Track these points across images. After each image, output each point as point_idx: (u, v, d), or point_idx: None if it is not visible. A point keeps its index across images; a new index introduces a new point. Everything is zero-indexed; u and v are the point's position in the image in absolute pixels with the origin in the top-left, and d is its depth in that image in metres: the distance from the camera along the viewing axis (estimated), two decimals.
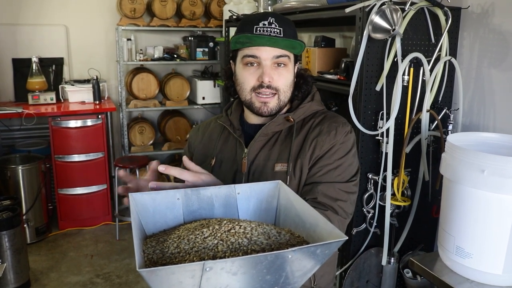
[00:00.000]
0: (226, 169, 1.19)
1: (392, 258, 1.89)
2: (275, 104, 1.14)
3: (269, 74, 1.10)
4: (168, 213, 0.89)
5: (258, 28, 1.09)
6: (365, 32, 1.68)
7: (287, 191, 0.90)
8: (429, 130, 1.82)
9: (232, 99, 1.30)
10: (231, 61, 1.22)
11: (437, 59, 1.79)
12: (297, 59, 1.19)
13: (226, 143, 1.23)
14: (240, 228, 0.75)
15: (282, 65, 1.12)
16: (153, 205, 0.88)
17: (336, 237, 0.71)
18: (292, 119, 1.16)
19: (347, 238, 0.70)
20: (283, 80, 1.13)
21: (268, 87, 1.11)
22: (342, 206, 1.12)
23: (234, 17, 3.02)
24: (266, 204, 0.94)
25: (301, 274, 0.74)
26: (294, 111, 1.19)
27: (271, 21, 1.09)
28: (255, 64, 1.12)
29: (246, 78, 1.13)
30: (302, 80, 1.20)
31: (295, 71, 1.19)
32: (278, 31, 1.09)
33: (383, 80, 1.74)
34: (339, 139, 1.14)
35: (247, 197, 0.93)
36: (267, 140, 1.18)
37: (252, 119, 1.23)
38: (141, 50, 3.95)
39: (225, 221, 0.78)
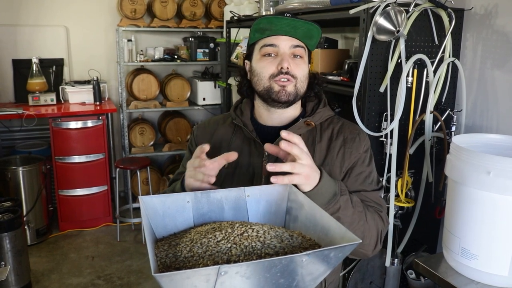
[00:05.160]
0: (242, 172, 1.17)
1: (396, 259, 1.89)
2: (292, 89, 1.13)
3: (288, 61, 1.11)
4: (178, 216, 0.88)
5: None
6: (369, 34, 1.68)
7: (297, 194, 0.90)
8: (432, 131, 1.83)
9: (238, 99, 1.29)
10: (245, 61, 1.22)
11: (441, 60, 1.79)
12: (310, 57, 1.21)
13: (240, 145, 1.20)
14: (253, 231, 0.75)
15: (299, 56, 1.14)
16: (163, 208, 0.88)
17: (349, 240, 0.71)
18: (313, 123, 1.17)
19: (361, 241, 0.70)
20: (300, 70, 1.14)
21: (287, 73, 1.12)
22: (382, 206, 1.21)
23: (235, 18, 3.01)
24: (276, 207, 0.93)
25: (313, 278, 0.74)
26: (313, 115, 1.19)
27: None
28: (273, 55, 1.13)
29: (265, 67, 1.14)
30: (315, 80, 1.21)
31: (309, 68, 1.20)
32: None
33: (387, 81, 1.74)
34: (363, 147, 1.20)
35: (257, 199, 0.93)
36: None
37: (264, 119, 1.22)
38: (141, 51, 3.95)
39: (237, 224, 0.78)
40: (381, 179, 1.26)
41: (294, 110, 1.21)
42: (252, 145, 1.18)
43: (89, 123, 3.54)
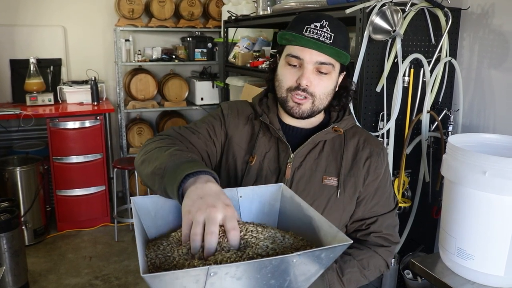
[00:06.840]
0: (269, 171, 1.15)
1: (393, 259, 1.89)
2: (308, 107, 1.10)
3: (308, 78, 1.06)
4: (170, 216, 0.88)
5: (309, 29, 1.04)
6: (365, 33, 1.68)
7: (290, 194, 0.90)
8: (429, 131, 1.82)
9: (260, 93, 1.26)
10: (277, 55, 1.18)
11: (437, 60, 1.79)
12: (344, 68, 1.14)
13: (267, 143, 1.17)
14: (245, 232, 0.75)
15: (325, 72, 1.08)
16: (155, 209, 0.87)
17: (341, 240, 0.70)
18: (341, 130, 1.15)
19: (352, 242, 0.70)
20: (322, 87, 1.09)
21: (304, 90, 1.07)
22: (397, 230, 1.22)
23: (233, 17, 3.01)
24: (269, 207, 0.93)
25: (305, 278, 0.73)
26: (340, 122, 1.16)
27: (324, 24, 1.05)
28: (297, 66, 1.08)
29: (285, 77, 1.10)
30: (345, 93, 1.18)
31: (339, 80, 1.15)
32: (328, 36, 1.04)
33: (383, 81, 1.73)
34: (385, 162, 1.19)
35: (250, 200, 0.92)
36: (312, 148, 1.15)
37: (287, 119, 1.19)
38: (139, 51, 3.94)
39: None
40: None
41: (319, 115, 1.19)
42: (279, 145, 1.16)
43: (87, 123, 3.53)
